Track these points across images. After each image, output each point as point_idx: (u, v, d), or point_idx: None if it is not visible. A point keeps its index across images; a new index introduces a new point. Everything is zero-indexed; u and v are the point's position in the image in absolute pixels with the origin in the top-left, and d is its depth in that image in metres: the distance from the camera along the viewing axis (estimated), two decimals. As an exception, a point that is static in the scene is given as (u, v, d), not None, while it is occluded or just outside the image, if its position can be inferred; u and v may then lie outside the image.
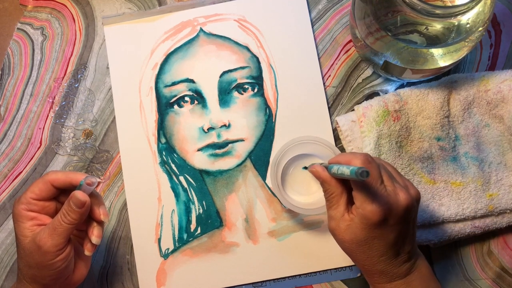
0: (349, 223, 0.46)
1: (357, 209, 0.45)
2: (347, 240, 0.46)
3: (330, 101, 0.63)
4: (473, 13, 0.50)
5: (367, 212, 0.44)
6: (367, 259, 0.47)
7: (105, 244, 0.61)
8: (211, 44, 0.64)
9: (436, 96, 0.58)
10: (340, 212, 0.47)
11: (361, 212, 0.45)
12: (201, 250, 0.60)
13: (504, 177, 0.58)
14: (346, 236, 0.46)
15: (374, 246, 0.46)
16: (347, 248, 0.47)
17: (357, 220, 0.45)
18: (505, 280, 0.59)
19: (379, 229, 0.45)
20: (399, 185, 0.47)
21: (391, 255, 0.46)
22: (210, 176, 0.61)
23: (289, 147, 0.57)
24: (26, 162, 0.62)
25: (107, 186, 0.62)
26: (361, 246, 0.46)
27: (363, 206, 0.45)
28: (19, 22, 0.66)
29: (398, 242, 0.46)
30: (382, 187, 0.45)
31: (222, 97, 0.62)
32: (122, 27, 0.64)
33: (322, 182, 0.48)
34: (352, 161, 0.46)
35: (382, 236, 0.45)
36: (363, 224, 0.45)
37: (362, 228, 0.45)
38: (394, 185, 0.46)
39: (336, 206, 0.47)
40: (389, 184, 0.46)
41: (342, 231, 0.46)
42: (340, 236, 0.47)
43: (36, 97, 0.64)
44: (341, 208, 0.47)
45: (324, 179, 0.48)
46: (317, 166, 0.49)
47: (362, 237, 0.45)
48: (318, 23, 0.64)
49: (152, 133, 0.62)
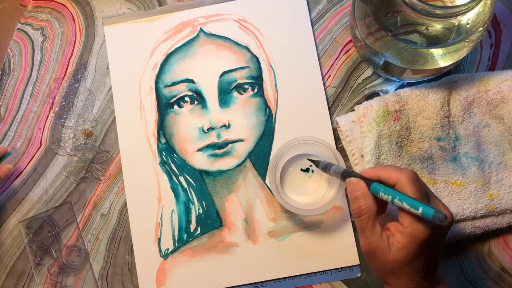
0: (392, 243, 0.44)
1: (405, 228, 0.44)
2: (391, 261, 0.44)
3: (330, 101, 0.63)
4: (473, 13, 0.50)
5: (417, 232, 0.43)
6: (406, 277, 0.45)
7: (105, 244, 0.61)
8: (211, 44, 0.64)
9: (436, 96, 0.58)
10: (379, 233, 0.45)
11: (410, 232, 0.43)
12: (200, 250, 0.60)
13: (504, 177, 0.58)
14: (391, 257, 0.44)
15: (417, 264, 0.44)
16: (388, 269, 0.45)
17: (403, 239, 0.43)
18: (505, 280, 0.59)
19: (424, 247, 0.44)
20: (439, 202, 0.46)
21: (427, 274, 0.45)
22: (210, 176, 0.61)
23: (287, 148, 0.57)
24: (26, 162, 0.62)
25: (107, 186, 0.62)
26: (406, 266, 0.44)
27: (412, 226, 0.43)
28: (19, 23, 0.66)
29: (434, 259, 0.45)
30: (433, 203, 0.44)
31: (222, 97, 0.62)
32: (122, 27, 0.64)
33: (359, 196, 0.46)
34: (399, 177, 0.44)
35: (425, 254, 0.44)
36: (411, 244, 0.43)
37: (409, 248, 0.43)
38: (437, 203, 0.45)
39: (373, 227, 0.45)
40: (434, 204, 0.45)
41: (384, 252, 0.44)
42: (383, 257, 0.45)
43: (36, 98, 0.64)
44: (378, 228, 0.45)
45: (364, 194, 0.46)
46: (355, 179, 0.47)
47: (408, 256, 0.44)
48: (318, 23, 0.64)
49: (152, 133, 0.62)
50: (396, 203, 0.43)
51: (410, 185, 0.44)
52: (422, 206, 0.41)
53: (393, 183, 0.45)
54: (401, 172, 0.45)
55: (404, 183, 0.44)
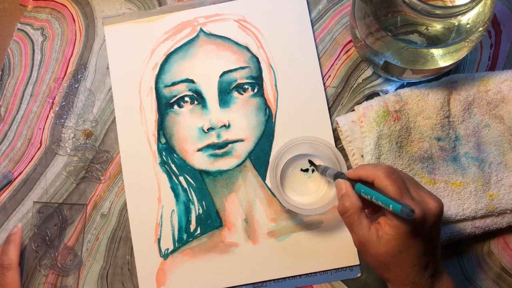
0: (381, 235, 0.45)
1: (392, 220, 0.44)
2: (381, 253, 0.45)
3: (330, 101, 0.63)
4: (473, 13, 0.50)
5: (401, 223, 0.44)
6: (401, 270, 0.46)
7: (105, 244, 0.61)
8: (211, 44, 0.64)
9: (436, 96, 0.58)
10: (366, 227, 0.46)
11: (396, 223, 0.44)
12: (200, 250, 0.60)
13: (504, 177, 0.58)
14: (381, 249, 0.45)
15: (409, 256, 0.45)
16: (381, 262, 0.46)
17: (391, 231, 0.44)
18: (505, 280, 0.59)
19: (413, 238, 0.44)
20: (424, 193, 0.46)
21: (422, 266, 0.46)
22: (210, 176, 0.61)
23: (288, 148, 0.57)
24: (26, 162, 0.62)
25: (107, 186, 0.62)
26: (396, 258, 0.45)
27: (396, 217, 0.44)
28: (19, 23, 0.66)
29: (428, 251, 0.46)
30: (409, 197, 0.45)
31: (222, 97, 0.62)
32: (122, 27, 0.64)
33: (343, 196, 0.48)
34: (375, 174, 0.46)
35: (415, 245, 0.45)
36: (398, 234, 0.44)
37: (397, 239, 0.44)
38: (421, 194, 0.46)
39: (359, 222, 0.46)
40: (416, 194, 0.46)
41: (374, 245, 0.45)
42: (373, 250, 0.46)
43: (36, 98, 0.64)
44: (365, 222, 0.46)
45: (347, 193, 0.47)
46: (341, 180, 0.49)
47: (397, 248, 0.44)
48: (318, 23, 0.64)
49: (152, 133, 0.62)
50: (374, 201, 0.45)
51: (385, 180, 0.45)
52: (392, 203, 0.42)
53: (371, 180, 0.47)
54: (376, 168, 0.46)
55: (380, 179, 0.46)
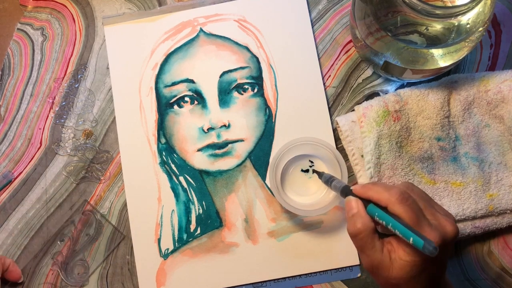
0: (394, 258, 0.44)
1: (405, 246, 0.43)
2: (394, 277, 0.44)
3: (330, 101, 0.63)
4: (473, 13, 0.50)
5: (418, 251, 0.42)
6: None
7: (105, 244, 0.61)
8: (211, 44, 0.64)
9: (436, 96, 0.58)
10: (379, 250, 0.44)
11: (411, 251, 0.43)
12: (200, 250, 0.60)
13: (504, 177, 0.58)
14: (393, 273, 0.44)
15: (421, 279, 0.44)
16: (392, 284, 0.45)
17: (406, 257, 0.43)
18: (505, 280, 0.59)
19: (428, 263, 0.43)
20: (440, 215, 0.45)
21: (432, 285, 0.45)
22: (210, 176, 0.61)
23: (288, 148, 0.57)
24: (26, 162, 0.62)
25: (107, 186, 0.62)
26: (409, 282, 0.44)
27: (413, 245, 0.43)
28: (19, 23, 0.66)
29: (439, 270, 0.45)
30: (426, 223, 0.43)
31: (222, 97, 0.62)
32: (122, 27, 0.64)
33: (355, 215, 0.45)
34: (388, 200, 0.44)
35: (429, 269, 0.44)
36: (414, 262, 0.43)
37: (412, 266, 0.43)
38: (437, 216, 0.45)
39: (372, 245, 0.44)
40: (432, 217, 0.44)
41: (387, 268, 0.44)
42: (386, 273, 0.44)
43: (36, 98, 0.64)
44: (378, 244, 0.45)
45: (360, 214, 0.45)
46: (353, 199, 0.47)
47: (411, 273, 0.43)
48: (318, 23, 0.64)
49: (152, 133, 0.62)
50: (390, 228, 0.43)
51: (400, 206, 0.43)
52: (413, 236, 0.40)
53: (384, 205, 0.45)
54: (390, 193, 0.44)
55: (394, 205, 0.43)
